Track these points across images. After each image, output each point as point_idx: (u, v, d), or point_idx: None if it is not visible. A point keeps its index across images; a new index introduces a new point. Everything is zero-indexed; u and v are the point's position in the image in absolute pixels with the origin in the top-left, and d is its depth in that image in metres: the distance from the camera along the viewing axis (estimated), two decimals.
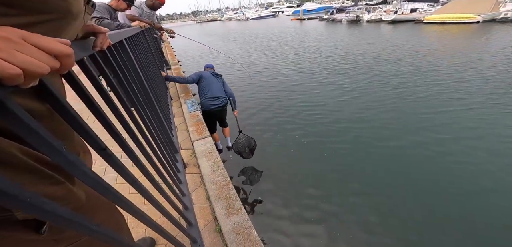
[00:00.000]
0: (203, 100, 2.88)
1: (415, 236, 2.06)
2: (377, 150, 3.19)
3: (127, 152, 0.67)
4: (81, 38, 0.58)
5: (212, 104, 2.82)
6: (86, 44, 0.57)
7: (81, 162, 0.37)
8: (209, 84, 2.93)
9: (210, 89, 2.89)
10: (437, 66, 6.60)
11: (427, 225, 2.14)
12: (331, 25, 23.66)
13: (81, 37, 0.58)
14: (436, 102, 4.40)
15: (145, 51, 2.04)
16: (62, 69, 0.31)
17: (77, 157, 0.36)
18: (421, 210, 2.28)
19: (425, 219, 2.19)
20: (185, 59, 11.28)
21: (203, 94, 2.92)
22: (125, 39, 1.15)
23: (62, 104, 0.39)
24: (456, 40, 10.22)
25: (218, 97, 2.88)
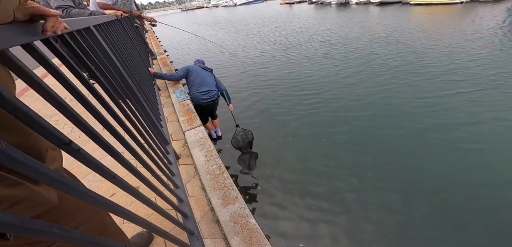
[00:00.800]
0: (194, 93, 2.73)
1: (412, 226, 2.01)
2: (378, 137, 3.14)
3: (102, 146, 0.60)
4: (27, 21, 0.49)
5: (203, 97, 2.69)
6: (32, 28, 0.48)
7: (30, 159, 0.31)
8: (198, 77, 2.79)
9: (200, 82, 2.75)
10: (433, 47, 6.57)
11: (430, 214, 2.09)
12: (321, 8, 23.55)
13: (27, 20, 0.49)
14: (436, 86, 4.33)
15: (123, 40, 1.90)
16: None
17: (22, 153, 0.29)
18: (425, 198, 2.22)
19: (428, 208, 2.13)
20: (172, 50, 10.80)
21: (192, 88, 2.77)
22: (94, 26, 1.03)
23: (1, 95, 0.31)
24: (446, 21, 10.37)
25: (209, 90, 2.74)
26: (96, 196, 0.44)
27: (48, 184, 0.34)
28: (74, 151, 0.44)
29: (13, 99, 0.34)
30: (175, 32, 15.50)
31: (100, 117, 0.67)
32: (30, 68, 0.43)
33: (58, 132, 0.41)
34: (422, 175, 2.49)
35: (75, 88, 0.58)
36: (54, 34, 0.55)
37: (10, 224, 0.26)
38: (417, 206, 2.18)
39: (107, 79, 0.90)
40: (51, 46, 0.57)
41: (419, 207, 2.17)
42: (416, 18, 11.92)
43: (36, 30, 0.51)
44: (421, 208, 2.16)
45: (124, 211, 0.53)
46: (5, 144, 0.28)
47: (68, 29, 0.66)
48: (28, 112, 0.36)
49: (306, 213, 2.21)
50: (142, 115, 1.23)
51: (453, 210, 2.10)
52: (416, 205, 2.19)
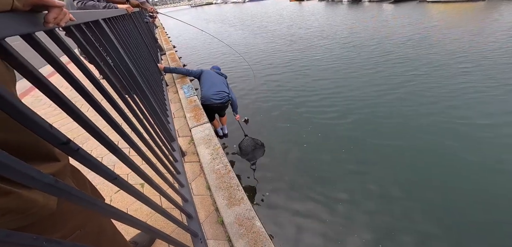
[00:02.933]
0: (205, 92, 2.68)
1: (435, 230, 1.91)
2: (397, 148, 2.89)
3: (105, 144, 0.57)
4: (29, 11, 0.46)
5: (213, 98, 2.64)
6: (34, 18, 0.45)
7: (19, 162, 0.27)
8: (211, 78, 2.78)
9: (212, 83, 2.72)
10: (457, 48, 6.02)
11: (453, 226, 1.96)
12: (331, 6, 22.73)
13: (29, 10, 0.46)
14: (461, 89, 3.95)
15: (133, 35, 1.89)
16: None
17: (8, 155, 0.26)
18: (456, 214, 2.05)
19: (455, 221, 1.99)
20: (180, 46, 10.86)
21: (204, 87, 2.73)
22: (103, 19, 1.01)
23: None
24: (470, 19, 9.49)
25: (221, 91, 2.69)
26: (96, 202, 0.41)
27: (40, 189, 0.31)
28: (73, 151, 0.41)
29: (3, 94, 0.31)
30: (184, 28, 15.65)
31: (104, 113, 0.64)
32: (27, 61, 0.40)
33: (55, 130, 0.38)
34: (452, 195, 2.25)
35: (79, 83, 0.55)
36: (57, 26, 0.52)
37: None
38: (441, 226, 2.01)
39: (114, 74, 0.88)
40: (58, 40, 0.54)
41: (443, 228, 2.00)
42: (436, 16, 11.09)
43: (39, 20, 0.48)
44: (445, 228, 1.99)
45: (125, 217, 0.50)
46: None
47: (74, 21, 0.63)
48: (20, 108, 0.33)
49: (314, 220, 2.13)
50: (148, 111, 1.21)
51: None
52: (439, 224, 2.02)
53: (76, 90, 0.58)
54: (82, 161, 0.44)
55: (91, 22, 0.85)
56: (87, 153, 0.44)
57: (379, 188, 2.37)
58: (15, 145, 0.40)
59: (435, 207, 2.14)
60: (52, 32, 0.53)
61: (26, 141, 0.42)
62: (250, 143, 2.87)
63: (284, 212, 2.22)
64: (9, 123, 0.38)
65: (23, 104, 0.34)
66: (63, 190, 0.33)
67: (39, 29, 0.47)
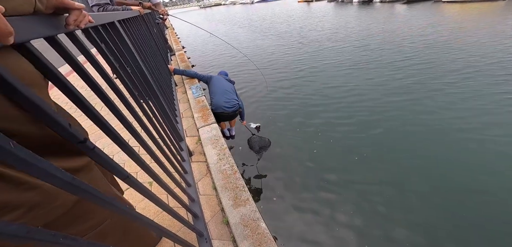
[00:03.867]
0: (216, 101, 2.66)
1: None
2: (409, 159, 2.73)
3: (119, 144, 0.59)
4: (52, 14, 0.48)
5: (225, 106, 2.63)
6: (56, 21, 0.47)
7: (39, 159, 0.28)
8: (222, 85, 2.78)
9: (223, 91, 2.72)
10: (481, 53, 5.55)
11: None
12: (341, 7, 22.26)
13: (51, 12, 0.48)
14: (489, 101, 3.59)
15: (145, 36, 1.94)
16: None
17: (30, 153, 0.27)
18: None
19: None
20: (189, 46, 11.03)
21: (216, 95, 2.71)
22: (118, 21, 1.04)
23: (14, 87, 0.30)
24: (494, 20, 8.86)
25: (231, 99, 2.69)
26: (111, 201, 0.42)
27: (58, 186, 0.32)
28: (89, 149, 0.43)
29: (28, 94, 0.33)
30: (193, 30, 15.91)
31: (118, 113, 0.67)
32: (50, 62, 0.42)
33: (73, 129, 0.39)
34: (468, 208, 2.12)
35: (95, 83, 0.58)
36: (78, 28, 0.54)
37: (10, 234, 0.24)
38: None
39: (127, 74, 0.90)
40: (77, 41, 0.57)
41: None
42: (456, 18, 10.45)
43: (60, 23, 0.50)
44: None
45: (136, 215, 0.51)
46: (13, 144, 0.26)
47: (93, 23, 0.66)
48: (42, 107, 0.35)
49: (319, 225, 2.10)
50: (159, 111, 1.24)
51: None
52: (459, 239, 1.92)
53: (92, 89, 0.60)
54: (97, 159, 0.46)
55: (107, 24, 0.88)
56: (102, 151, 0.45)
57: (391, 200, 2.26)
58: (49, 140, 0.42)
59: (456, 224, 2.01)
60: (72, 33, 0.56)
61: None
62: (257, 140, 2.99)
63: (290, 215, 2.20)
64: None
65: (46, 104, 0.35)
66: (79, 188, 0.35)
67: (61, 31, 0.49)
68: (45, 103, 0.34)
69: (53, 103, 0.45)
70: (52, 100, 0.48)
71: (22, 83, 0.31)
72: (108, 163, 0.47)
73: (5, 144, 0.25)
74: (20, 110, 0.34)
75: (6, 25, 0.23)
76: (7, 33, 0.24)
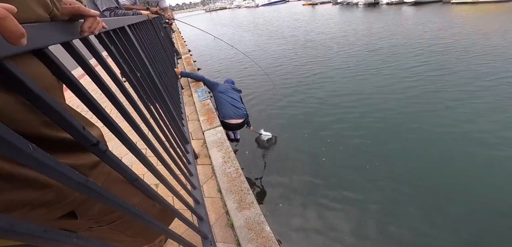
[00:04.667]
0: (225, 111, 2.62)
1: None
2: (425, 168, 2.56)
3: (128, 147, 0.60)
4: (68, 20, 0.51)
5: (234, 117, 2.60)
6: (72, 27, 0.49)
7: (55, 161, 0.30)
8: (230, 95, 2.77)
9: (232, 101, 2.69)
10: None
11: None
12: (347, 9, 22.02)
13: (67, 19, 0.50)
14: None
15: (153, 40, 1.98)
16: (5, 35, 0.24)
17: (49, 156, 0.28)
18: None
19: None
20: (195, 50, 11.17)
21: (225, 105, 2.65)
22: (128, 25, 1.07)
23: (29, 89, 0.31)
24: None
25: (240, 109, 2.67)
26: (122, 204, 0.43)
27: (72, 187, 0.33)
28: (101, 152, 0.44)
29: (47, 99, 0.34)
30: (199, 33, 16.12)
31: (127, 116, 0.68)
32: (66, 68, 0.43)
33: (87, 132, 0.41)
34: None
35: (108, 89, 0.59)
36: (92, 34, 0.56)
37: (29, 234, 0.25)
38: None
39: (136, 78, 0.93)
40: (90, 46, 0.59)
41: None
42: (470, 20, 9.91)
43: (76, 29, 0.52)
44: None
45: (144, 217, 0.52)
46: (33, 147, 0.28)
47: (106, 28, 0.68)
48: (57, 110, 0.36)
49: (325, 232, 2.07)
50: (166, 113, 1.26)
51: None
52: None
53: (103, 93, 0.62)
54: (108, 162, 0.47)
55: (118, 28, 0.90)
56: (113, 154, 0.46)
57: (405, 217, 2.09)
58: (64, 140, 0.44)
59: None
60: (86, 39, 0.58)
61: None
62: (264, 139, 3.15)
63: (295, 220, 2.17)
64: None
65: (61, 107, 0.37)
66: (92, 190, 0.36)
67: (76, 37, 0.51)
68: (62, 107, 0.36)
69: (68, 106, 0.47)
70: (67, 105, 0.49)
71: (41, 89, 0.32)
72: (119, 165, 0.49)
73: (25, 148, 0.27)
74: (38, 113, 0.35)
75: (17, 26, 0.24)
76: (19, 34, 0.25)
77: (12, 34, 0.24)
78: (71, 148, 0.42)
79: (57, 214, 0.44)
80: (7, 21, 0.23)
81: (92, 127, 0.53)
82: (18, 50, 0.30)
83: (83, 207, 0.48)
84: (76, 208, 0.46)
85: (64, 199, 0.44)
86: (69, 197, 0.45)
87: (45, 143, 0.39)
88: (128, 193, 0.63)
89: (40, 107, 0.34)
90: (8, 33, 0.23)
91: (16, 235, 0.24)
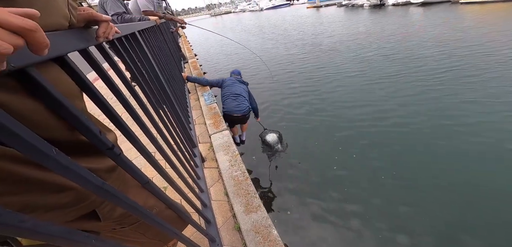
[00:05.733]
0: (227, 105, 2.73)
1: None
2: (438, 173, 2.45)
3: (139, 150, 0.61)
4: (83, 27, 0.53)
5: (236, 110, 2.68)
6: (88, 34, 0.51)
7: (76, 164, 0.31)
8: (233, 88, 2.82)
9: (234, 95, 2.76)
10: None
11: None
12: (352, 11, 21.60)
13: (83, 26, 0.53)
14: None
15: (161, 45, 2.02)
16: (32, 47, 0.24)
17: (71, 160, 0.30)
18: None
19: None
20: (201, 54, 11.32)
21: (227, 99, 2.77)
22: (138, 31, 1.10)
23: (53, 96, 0.32)
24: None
25: (242, 103, 2.72)
26: (136, 206, 0.44)
27: (90, 190, 0.34)
28: (115, 155, 0.45)
29: (65, 102, 0.35)
30: (204, 37, 16.39)
31: (138, 119, 0.70)
32: (84, 74, 0.45)
33: (103, 136, 0.42)
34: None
35: (121, 93, 0.61)
36: (106, 39, 0.58)
37: (53, 235, 0.26)
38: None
39: (146, 82, 0.95)
40: (103, 51, 0.61)
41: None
42: (478, 19, 9.46)
43: (91, 35, 0.55)
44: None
45: (156, 220, 0.53)
46: (56, 151, 0.29)
47: (120, 34, 0.71)
48: (76, 115, 0.37)
49: (333, 232, 2.04)
50: (174, 117, 1.28)
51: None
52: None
53: (116, 97, 0.64)
54: (121, 165, 0.48)
55: (129, 34, 0.93)
56: (126, 158, 0.48)
57: (424, 231, 1.96)
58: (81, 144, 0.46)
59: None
60: (101, 45, 0.60)
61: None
62: (268, 138, 3.24)
63: (303, 224, 2.14)
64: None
65: (79, 112, 0.38)
66: (109, 192, 0.37)
67: (92, 44, 0.53)
68: (80, 112, 0.37)
69: (86, 111, 0.48)
70: (89, 113, 0.51)
71: (63, 96, 0.33)
72: (132, 169, 0.50)
73: (49, 152, 0.28)
74: (58, 119, 0.37)
75: (44, 38, 0.26)
76: (45, 45, 0.26)
77: (40, 45, 0.25)
78: (88, 152, 0.43)
79: (72, 217, 0.46)
80: (37, 33, 0.24)
81: (109, 132, 0.54)
82: (41, 58, 0.32)
83: (104, 210, 0.49)
84: (97, 208, 0.48)
85: (79, 202, 0.45)
86: (86, 200, 0.46)
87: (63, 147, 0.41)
88: (144, 197, 0.64)
89: (62, 112, 0.35)
90: (36, 45, 0.25)
91: (40, 235, 0.25)
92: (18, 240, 0.42)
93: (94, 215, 0.48)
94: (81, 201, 0.44)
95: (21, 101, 0.30)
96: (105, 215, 0.49)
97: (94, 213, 0.48)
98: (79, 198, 0.42)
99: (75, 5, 0.51)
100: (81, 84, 0.44)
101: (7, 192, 0.31)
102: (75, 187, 0.39)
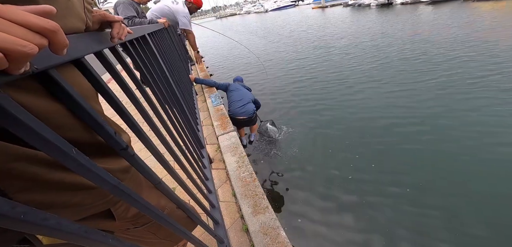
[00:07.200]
0: (233, 108, 2.84)
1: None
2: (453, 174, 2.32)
3: (151, 150, 0.62)
4: (97, 29, 0.54)
5: (241, 112, 2.78)
6: (102, 37, 0.52)
7: (93, 164, 0.31)
8: (238, 92, 2.95)
9: (239, 99, 2.87)
10: None
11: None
12: (359, 11, 21.01)
13: (97, 28, 0.54)
14: None
15: (169, 47, 2.06)
16: (53, 47, 0.25)
17: (89, 160, 0.30)
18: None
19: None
20: (207, 56, 11.40)
21: (233, 103, 2.89)
22: (148, 34, 1.12)
23: (73, 98, 0.33)
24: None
25: (247, 105, 2.83)
26: (149, 207, 0.45)
27: (106, 189, 0.35)
28: (130, 156, 0.46)
29: (84, 104, 0.36)
30: (210, 39, 16.55)
31: (150, 120, 0.71)
32: (100, 76, 0.46)
33: (118, 137, 0.43)
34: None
35: (134, 95, 0.62)
36: (120, 40, 0.60)
37: (71, 232, 0.26)
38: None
39: (156, 84, 0.96)
40: (116, 53, 0.62)
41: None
42: (494, 17, 8.71)
43: (106, 38, 0.56)
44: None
45: (170, 221, 0.53)
46: (75, 151, 0.29)
47: (132, 34, 0.72)
48: (93, 116, 0.38)
49: (343, 232, 1.99)
50: (182, 119, 1.29)
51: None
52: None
53: (129, 98, 0.65)
54: (135, 165, 0.49)
55: (140, 37, 0.95)
56: (140, 158, 0.48)
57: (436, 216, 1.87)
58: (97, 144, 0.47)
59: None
60: (114, 47, 0.61)
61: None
62: (267, 129, 3.29)
63: (311, 222, 2.09)
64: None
65: (96, 113, 0.39)
66: (123, 192, 0.37)
67: (106, 46, 0.54)
68: (98, 114, 0.38)
69: (103, 113, 0.49)
70: (104, 114, 0.52)
71: (82, 97, 0.34)
72: (145, 169, 0.50)
73: (69, 151, 0.28)
74: (76, 119, 0.38)
75: (64, 38, 0.26)
76: (65, 45, 0.26)
77: (60, 45, 0.25)
78: (104, 153, 0.44)
79: (84, 215, 0.46)
80: (58, 34, 0.24)
81: (123, 133, 0.55)
82: (62, 60, 0.32)
83: (119, 210, 0.50)
84: (112, 208, 0.49)
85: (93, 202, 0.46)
86: (99, 200, 0.47)
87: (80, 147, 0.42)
88: (157, 197, 0.65)
89: (81, 114, 0.36)
90: (57, 45, 0.25)
91: (61, 233, 0.26)
92: (38, 239, 0.43)
93: (109, 214, 0.49)
94: (97, 200, 0.44)
95: (43, 102, 0.31)
96: (120, 215, 0.50)
97: (109, 213, 0.48)
98: (95, 196, 0.42)
99: (90, 8, 0.52)
100: (97, 86, 0.45)
101: (26, 190, 0.31)
102: (92, 186, 0.40)
